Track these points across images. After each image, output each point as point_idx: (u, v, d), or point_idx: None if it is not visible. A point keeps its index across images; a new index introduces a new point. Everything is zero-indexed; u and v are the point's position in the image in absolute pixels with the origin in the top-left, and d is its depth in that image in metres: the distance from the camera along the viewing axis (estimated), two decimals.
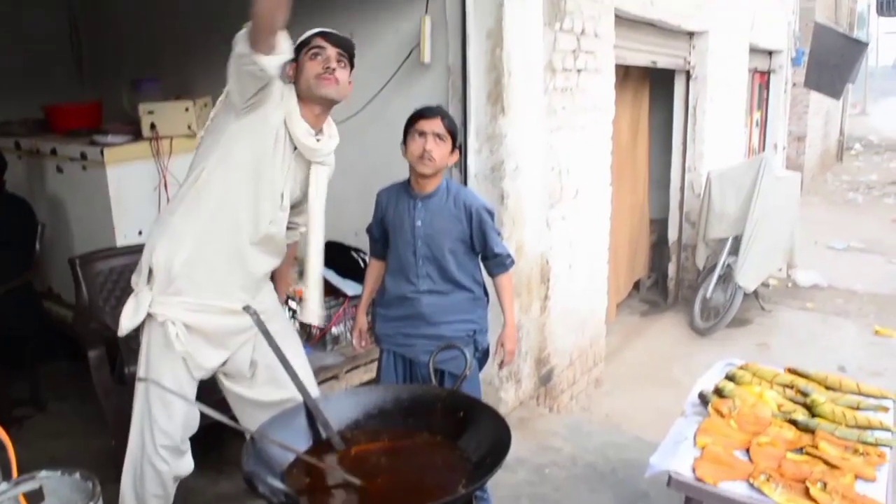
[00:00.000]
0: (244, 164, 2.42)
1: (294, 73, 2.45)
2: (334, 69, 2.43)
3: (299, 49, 2.44)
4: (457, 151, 2.73)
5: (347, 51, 2.49)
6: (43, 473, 2.07)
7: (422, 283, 2.75)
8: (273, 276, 2.76)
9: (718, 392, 2.74)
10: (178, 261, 2.41)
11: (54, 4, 5.87)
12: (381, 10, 4.17)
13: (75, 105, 4.80)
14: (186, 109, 4.36)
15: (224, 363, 2.59)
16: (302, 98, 2.45)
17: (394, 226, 2.79)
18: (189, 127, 4.39)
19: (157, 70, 5.07)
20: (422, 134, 2.64)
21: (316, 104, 2.48)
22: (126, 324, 2.44)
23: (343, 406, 2.21)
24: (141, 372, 2.52)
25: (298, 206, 2.67)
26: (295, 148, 2.49)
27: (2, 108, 5.03)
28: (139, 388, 2.52)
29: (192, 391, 2.55)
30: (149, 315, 2.44)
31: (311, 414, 2.13)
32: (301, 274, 2.80)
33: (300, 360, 2.70)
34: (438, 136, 2.63)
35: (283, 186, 2.51)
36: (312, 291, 2.64)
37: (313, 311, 2.65)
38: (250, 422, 2.59)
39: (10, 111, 5.00)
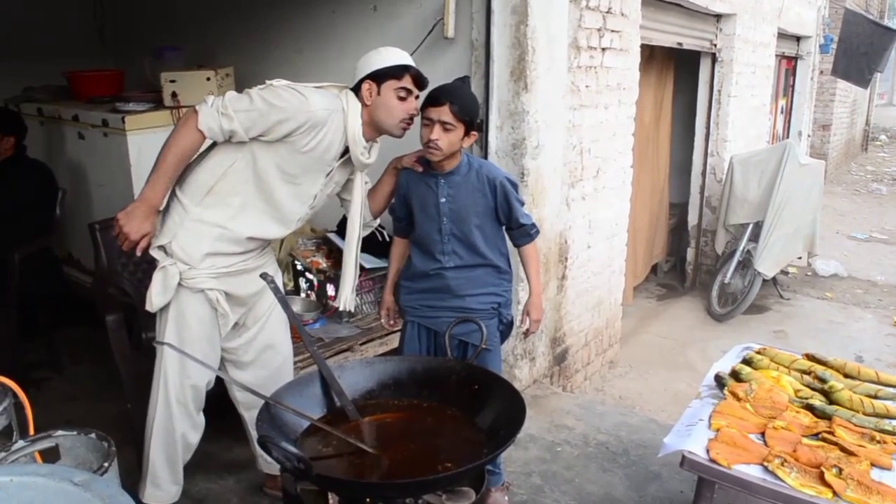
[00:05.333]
0: (279, 171, 2.45)
1: (370, 93, 2.46)
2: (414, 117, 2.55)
3: (381, 72, 2.46)
4: (474, 135, 2.65)
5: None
6: (59, 432, 2.10)
7: (448, 260, 2.74)
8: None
9: (735, 375, 2.71)
10: (198, 253, 2.45)
11: None
12: None
13: (98, 72, 4.81)
14: (208, 79, 4.36)
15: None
16: (367, 120, 2.49)
17: (417, 204, 2.77)
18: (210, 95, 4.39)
19: (180, 38, 5.07)
20: (429, 122, 2.56)
21: (379, 131, 2.55)
22: (157, 300, 2.45)
23: (358, 376, 2.22)
24: (170, 337, 2.53)
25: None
26: (343, 155, 2.53)
27: (24, 75, 5.05)
28: (164, 352, 2.56)
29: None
30: (181, 287, 2.47)
31: (326, 382, 2.14)
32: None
33: (286, 334, 2.85)
34: (445, 124, 2.54)
35: (320, 190, 2.58)
36: (346, 281, 2.80)
37: (346, 298, 2.82)
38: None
39: (33, 77, 5.02)
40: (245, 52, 5.04)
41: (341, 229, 4.31)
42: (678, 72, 6.69)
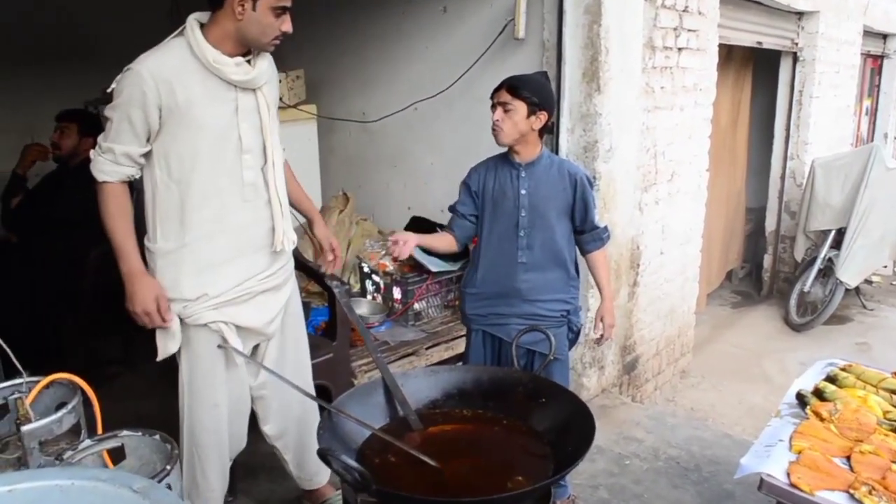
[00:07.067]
0: (191, 137, 2.24)
1: (243, 7, 2.15)
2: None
3: None
4: (541, 114, 2.56)
5: None
6: (125, 433, 2.11)
7: (522, 256, 2.66)
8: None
9: (818, 394, 2.57)
10: (184, 284, 2.30)
11: None
12: None
13: None
14: (279, 81, 4.39)
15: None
16: (232, 34, 2.20)
17: (494, 197, 2.69)
18: (281, 98, 4.42)
19: None
20: (493, 106, 2.59)
21: (247, 46, 2.26)
22: (165, 347, 2.36)
23: (422, 384, 2.17)
24: (184, 381, 2.48)
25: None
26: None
27: (104, 78, 5.16)
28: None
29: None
30: (185, 325, 2.35)
31: (390, 390, 2.10)
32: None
33: (303, 346, 2.70)
34: (505, 105, 2.55)
35: (239, 128, 2.29)
36: (277, 220, 2.41)
37: (281, 237, 2.42)
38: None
39: (112, 81, 5.14)
40: (316, 55, 5.08)
41: (409, 230, 4.30)
42: (757, 72, 6.47)
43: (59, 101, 4.50)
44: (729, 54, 5.59)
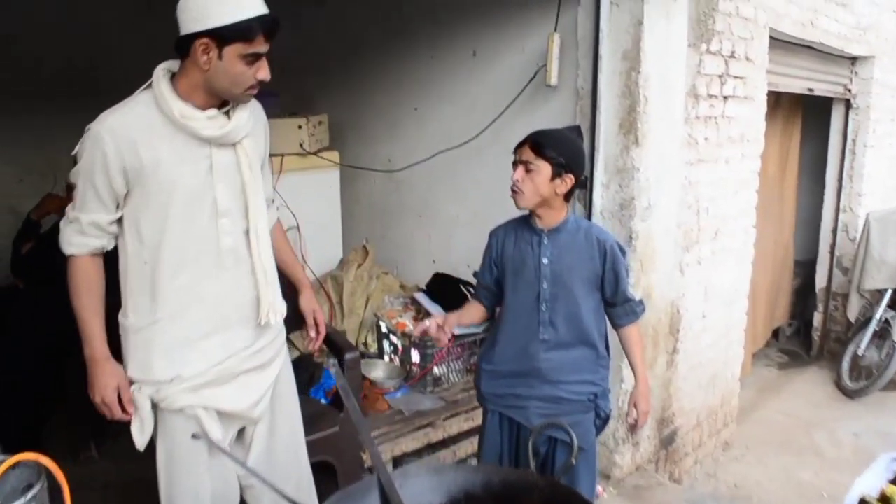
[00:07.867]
0: (161, 201, 2.00)
1: (207, 56, 1.90)
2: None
3: (226, 33, 1.87)
4: (568, 177, 2.30)
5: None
6: None
7: (544, 332, 2.37)
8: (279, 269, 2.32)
9: (885, 500, 2.23)
10: (157, 366, 2.05)
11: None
12: (505, 27, 3.89)
13: None
14: (300, 127, 4.23)
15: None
16: (201, 85, 1.96)
17: (514, 266, 2.42)
18: (301, 145, 4.25)
19: (279, 85, 4.96)
20: (515, 164, 2.33)
21: (220, 97, 2.01)
22: (139, 438, 2.08)
23: (424, 486, 1.87)
24: (165, 480, 2.18)
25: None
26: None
27: None
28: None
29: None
30: (160, 409, 2.10)
31: (385, 493, 1.83)
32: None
33: (297, 427, 2.41)
34: (527, 164, 2.28)
35: (213, 190, 2.04)
36: (262, 289, 2.14)
37: (267, 309, 2.16)
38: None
39: None
40: (342, 99, 4.93)
41: (431, 288, 4.06)
42: (806, 119, 6.14)
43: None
44: (777, 101, 5.29)
